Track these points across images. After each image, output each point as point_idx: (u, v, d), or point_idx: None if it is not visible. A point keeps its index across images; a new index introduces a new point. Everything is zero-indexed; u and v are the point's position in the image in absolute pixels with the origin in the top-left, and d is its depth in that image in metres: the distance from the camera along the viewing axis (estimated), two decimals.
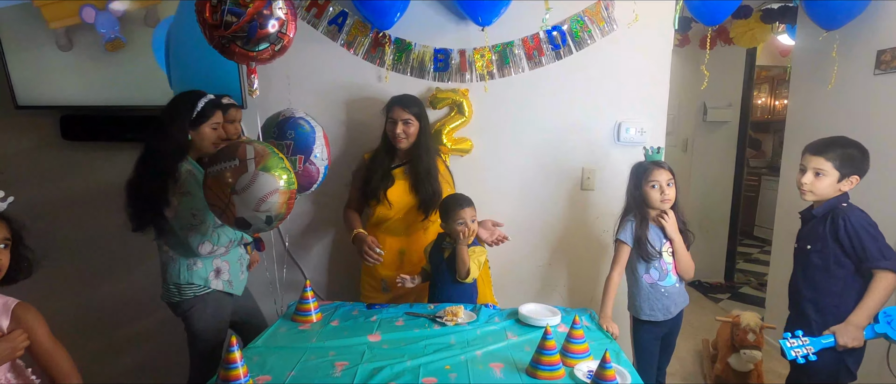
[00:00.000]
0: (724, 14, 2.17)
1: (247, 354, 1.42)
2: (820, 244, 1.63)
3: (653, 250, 1.78)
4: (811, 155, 1.64)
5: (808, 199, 1.68)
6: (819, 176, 1.61)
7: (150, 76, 2.15)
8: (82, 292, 2.45)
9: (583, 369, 1.33)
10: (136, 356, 2.50)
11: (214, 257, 1.73)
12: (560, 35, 2.19)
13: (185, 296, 1.71)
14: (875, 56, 2.28)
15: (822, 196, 1.63)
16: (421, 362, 1.40)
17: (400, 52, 2.21)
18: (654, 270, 1.81)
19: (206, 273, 1.72)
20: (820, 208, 1.65)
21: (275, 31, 1.45)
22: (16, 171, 2.35)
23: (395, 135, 1.95)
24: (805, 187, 1.64)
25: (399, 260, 2.03)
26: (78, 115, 2.26)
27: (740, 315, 2.47)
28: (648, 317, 1.83)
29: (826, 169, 1.60)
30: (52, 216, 2.36)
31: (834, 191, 1.62)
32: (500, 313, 1.78)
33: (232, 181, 1.43)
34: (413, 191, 1.98)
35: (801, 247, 1.72)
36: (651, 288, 1.82)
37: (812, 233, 1.66)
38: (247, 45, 1.44)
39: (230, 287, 1.78)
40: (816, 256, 1.64)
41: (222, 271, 1.76)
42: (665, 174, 1.77)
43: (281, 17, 1.45)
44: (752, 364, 2.44)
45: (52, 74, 2.18)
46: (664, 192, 1.76)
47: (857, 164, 1.60)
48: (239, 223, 1.48)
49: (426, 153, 1.98)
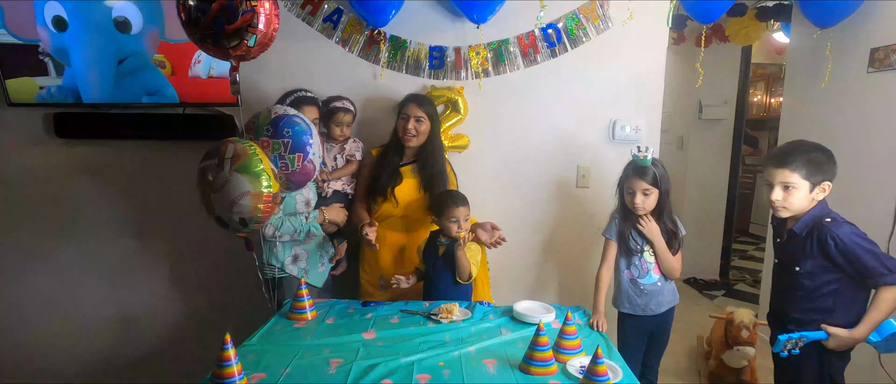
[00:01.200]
0: (718, 12, 2.17)
1: (241, 352, 1.42)
2: (810, 264, 1.51)
3: (634, 247, 1.80)
4: (774, 168, 1.52)
5: (783, 216, 1.58)
6: (788, 190, 1.50)
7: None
8: (79, 289, 2.45)
9: (575, 365, 1.34)
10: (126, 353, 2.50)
11: (281, 241, 1.84)
12: (555, 33, 2.19)
13: (266, 275, 1.87)
14: (869, 54, 2.29)
15: (797, 210, 1.53)
16: (415, 359, 1.41)
17: (395, 49, 2.21)
18: (633, 267, 1.83)
19: (283, 256, 1.87)
20: (799, 225, 1.53)
21: (244, 26, 1.43)
22: (8, 168, 2.34)
23: (406, 130, 1.95)
24: (777, 204, 1.53)
25: (400, 256, 2.03)
26: (71, 113, 2.25)
27: (734, 312, 2.49)
28: (628, 311, 1.86)
29: (794, 181, 1.49)
30: (45, 212, 2.36)
31: (808, 202, 1.51)
32: (494, 310, 1.79)
33: (211, 179, 1.46)
34: (423, 190, 1.98)
35: (786, 267, 1.59)
36: (630, 283, 1.85)
37: (797, 251, 1.54)
38: (217, 42, 1.44)
39: (306, 274, 1.88)
40: (807, 278, 1.52)
41: (300, 258, 1.90)
42: (642, 184, 1.74)
43: (250, 11, 1.43)
44: (746, 360, 2.46)
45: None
46: (636, 201, 1.76)
47: (826, 169, 1.50)
48: (218, 222, 1.52)
49: (440, 154, 2.01)
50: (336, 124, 2.02)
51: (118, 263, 2.41)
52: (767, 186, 1.56)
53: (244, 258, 2.21)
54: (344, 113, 2.02)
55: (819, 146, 1.53)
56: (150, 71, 2.14)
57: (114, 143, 2.30)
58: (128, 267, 2.41)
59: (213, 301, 2.41)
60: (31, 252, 2.41)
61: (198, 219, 2.30)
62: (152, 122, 2.23)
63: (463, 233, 1.81)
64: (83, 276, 2.42)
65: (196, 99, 2.19)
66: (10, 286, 2.43)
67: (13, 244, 2.40)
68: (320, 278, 1.97)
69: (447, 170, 2.06)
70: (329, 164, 2.04)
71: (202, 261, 2.39)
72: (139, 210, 2.37)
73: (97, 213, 2.37)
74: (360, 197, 2.08)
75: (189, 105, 2.20)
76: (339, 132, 2.04)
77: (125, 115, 2.23)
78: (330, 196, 2.01)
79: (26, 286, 2.43)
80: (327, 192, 2.01)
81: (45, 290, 2.44)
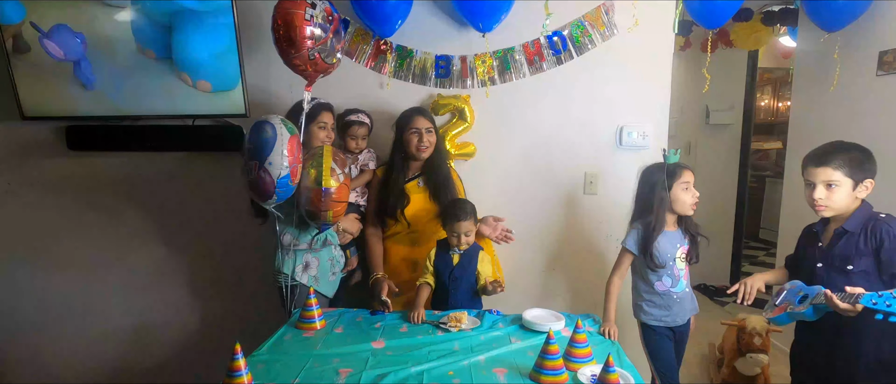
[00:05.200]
0: (724, 17, 2.17)
1: (251, 362, 1.42)
2: (864, 262, 1.44)
3: (661, 261, 1.73)
4: (814, 167, 1.50)
5: (825, 215, 1.53)
6: (831, 188, 1.47)
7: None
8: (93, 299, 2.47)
9: (586, 373, 1.33)
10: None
11: (297, 250, 1.84)
12: (561, 40, 2.20)
13: (278, 283, 1.88)
14: (877, 57, 2.28)
15: (840, 210, 1.49)
16: (424, 368, 1.40)
17: (401, 59, 2.23)
18: (666, 277, 1.78)
19: (295, 264, 1.86)
20: (852, 222, 1.48)
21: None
22: (23, 180, 2.38)
23: (421, 145, 1.96)
24: (820, 203, 1.49)
25: (410, 268, 2.02)
26: (84, 125, 2.28)
27: (746, 319, 2.46)
28: (661, 323, 1.80)
29: (836, 179, 1.46)
30: (59, 223, 2.39)
31: (851, 200, 1.48)
32: (504, 318, 1.78)
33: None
34: (433, 200, 1.99)
35: (836, 269, 1.49)
36: (664, 295, 1.79)
37: (849, 250, 1.47)
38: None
39: (316, 283, 1.88)
40: (862, 278, 1.43)
41: (310, 266, 1.89)
42: (692, 175, 1.73)
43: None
44: (759, 368, 2.42)
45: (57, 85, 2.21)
46: (687, 198, 1.73)
47: (866, 167, 1.48)
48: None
49: (444, 161, 2.03)
50: (351, 137, 2.04)
51: (132, 273, 2.43)
52: (808, 187, 1.53)
53: (258, 267, 2.24)
54: (359, 126, 2.04)
55: (857, 145, 1.51)
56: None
57: (126, 154, 2.33)
58: (142, 276, 2.43)
59: (228, 309, 2.42)
60: (46, 261, 2.44)
61: (211, 228, 2.35)
62: (163, 133, 2.26)
63: (463, 247, 1.81)
64: (98, 285, 2.45)
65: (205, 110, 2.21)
66: (27, 294, 2.46)
67: (29, 254, 2.43)
68: (331, 288, 1.97)
69: (454, 177, 2.07)
70: None
71: (216, 270, 2.40)
72: (152, 220, 2.39)
73: (111, 224, 2.40)
74: (371, 221, 2.07)
75: (199, 117, 2.22)
76: (354, 145, 2.05)
77: (136, 128, 2.26)
78: None
79: (43, 294, 2.46)
80: None
81: (61, 299, 2.47)
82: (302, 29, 1.67)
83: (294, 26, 1.66)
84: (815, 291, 1.42)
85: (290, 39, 1.68)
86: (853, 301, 1.29)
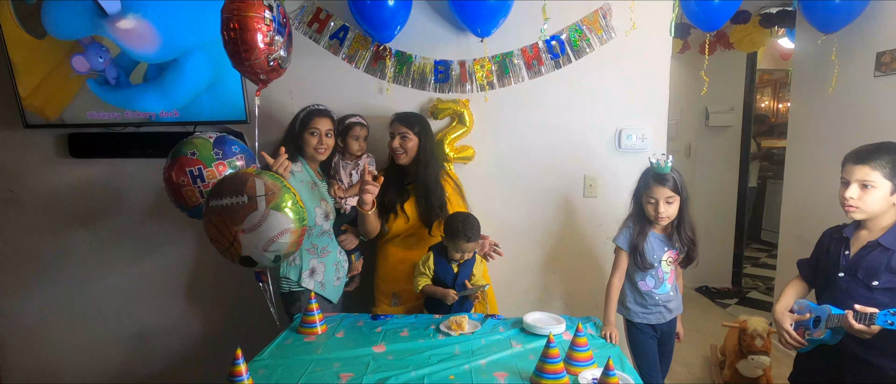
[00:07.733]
0: (721, 19, 2.17)
1: (252, 367, 1.43)
2: (886, 279, 1.35)
3: (649, 261, 1.75)
4: (854, 165, 1.41)
5: (855, 217, 1.45)
6: (867, 188, 1.38)
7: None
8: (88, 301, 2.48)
9: (587, 377, 1.33)
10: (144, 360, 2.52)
11: (304, 254, 1.85)
12: (559, 44, 2.21)
13: (282, 289, 1.89)
14: (875, 58, 2.28)
15: (871, 213, 1.41)
16: (425, 372, 1.41)
17: (401, 64, 2.24)
18: (650, 278, 1.80)
19: (301, 270, 1.87)
20: (889, 237, 1.38)
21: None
22: (26, 187, 2.40)
23: (393, 148, 1.98)
24: (851, 202, 1.41)
25: (407, 270, 2.01)
26: (85, 133, 2.30)
27: (748, 320, 2.45)
28: (642, 320, 1.83)
29: (874, 180, 1.37)
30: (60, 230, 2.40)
31: (885, 205, 1.39)
32: (504, 322, 1.78)
33: (240, 219, 1.38)
34: (421, 202, 1.98)
35: (859, 282, 1.40)
36: (646, 295, 1.81)
37: (877, 265, 1.39)
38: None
39: (322, 288, 1.90)
40: (884, 295, 1.36)
41: (317, 271, 1.90)
42: (664, 191, 1.67)
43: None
44: (761, 369, 2.42)
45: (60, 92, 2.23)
46: (660, 210, 1.69)
47: None
48: (244, 261, 1.44)
49: (424, 169, 1.97)
50: (353, 138, 2.04)
51: (134, 279, 2.44)
52: (843, 184, 1.45)
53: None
54: (360, 127, 2.05)
55: None
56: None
57: (126, 161, 2.34)
58: (144, 282, 2.44)
59: (228, 316, 2.43)
60: (47, 268, 2.45)
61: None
62: (163, 140, 2.26)
63: (462, 260, 1.83)
64: (100, 292, 2.46)
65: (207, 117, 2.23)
66: (28, 301, 2.47)
67: (31, 260, 2.44)
68: (336, 293, 1.98)
69: (450, 191, 2.04)
70: (345, 180, 2.05)
71: (217, 277, 2.41)
72: (155, 227, 2.40)
73: (113, 231, 2.41)
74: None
75: (199, 123, 2.23)
76: (356, 146, 2.05)
77: (137, 135, 2.27)
78: (348, 212, 2.02)
79: (44, 301, 2.47)
80: (346, 208, 2.02)
81: (63, 305, 2.48)
82: (261, 33, 1.50)
83: (249, 29, 1.48)
84: (825, 312, 1.38)
85: (246, 43, 1.49)
86: (868, 321, 1.25)
